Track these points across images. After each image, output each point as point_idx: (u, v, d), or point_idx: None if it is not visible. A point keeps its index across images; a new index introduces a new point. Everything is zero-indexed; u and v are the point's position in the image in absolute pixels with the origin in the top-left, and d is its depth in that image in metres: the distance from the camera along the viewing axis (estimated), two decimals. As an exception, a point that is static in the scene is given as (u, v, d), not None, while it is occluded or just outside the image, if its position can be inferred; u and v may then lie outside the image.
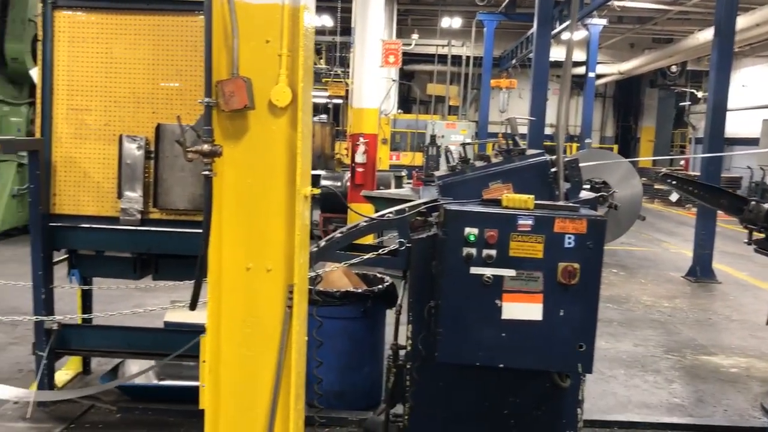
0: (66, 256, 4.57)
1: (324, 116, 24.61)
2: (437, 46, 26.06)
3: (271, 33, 2.62)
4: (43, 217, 4.27)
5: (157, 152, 4.21)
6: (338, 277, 4.76)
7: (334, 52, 25.91)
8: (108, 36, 4.26)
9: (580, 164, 3.39)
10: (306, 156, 2.76)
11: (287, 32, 2.61)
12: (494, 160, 3.47)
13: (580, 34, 23.31)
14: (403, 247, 3.44)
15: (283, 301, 2.79)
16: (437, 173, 3.69)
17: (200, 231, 4.07)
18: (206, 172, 2.61)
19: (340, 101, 28.37)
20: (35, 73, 4.34)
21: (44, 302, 4.33)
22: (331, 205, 10.77)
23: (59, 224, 4.34)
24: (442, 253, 2.97)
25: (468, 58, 25.76)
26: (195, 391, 4.39)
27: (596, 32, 23.51)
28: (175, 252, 4.36)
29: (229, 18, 2.57)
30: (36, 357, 4.38)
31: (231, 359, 2.84)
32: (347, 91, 16.47)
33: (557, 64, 18.22)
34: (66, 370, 5.05)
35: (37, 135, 4.33)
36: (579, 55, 24.47)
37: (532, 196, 2.93)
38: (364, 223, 3.64)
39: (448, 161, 3.81)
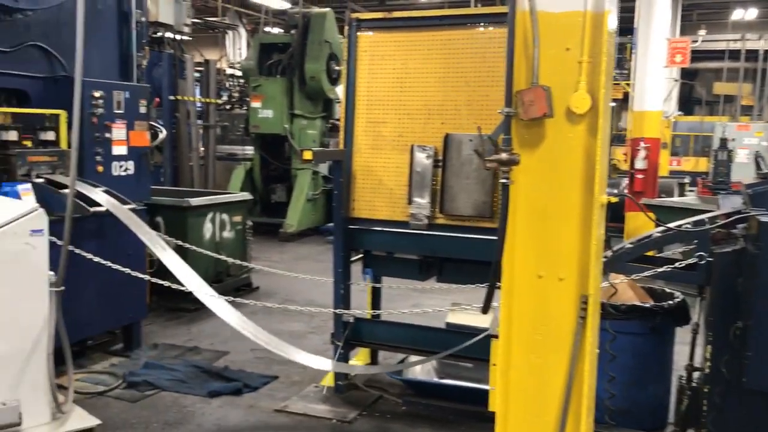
0: (361, 255, 4.97)
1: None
2: (728, 41, 23.77)
3: (571, 40, 2.60)
4: (343, 221, 4.70)
5: (445, 161, 4.41)
6: (623, 289, 4.56)
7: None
8: (403, 52, 4.56)
9: None
10: (604, 163, 2.69)
11: (588, 39, 2.57)
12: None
13: None
14: (703, 261, 3.20)
15: (576, 312, 2.75)
16: (745, 181, 3.36)
17: (483, 237, 4.18)
18: (504, 180, 2.67)
19: (614, 104, 27.18)
20: (340, 91, 4.79)
21: (342, 297, 4.77)
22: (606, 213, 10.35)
23: (357, 227, 4.74)
24: (753, 269, 2.70)
25: (766, 52, 23.11)
26: (475, 392, 4.57)
27: None
28: (459, 256, 4.53)
29: (530, 28, 2.60)
30: (334, 345, 4.83)
31: (521, 365, 2.87)
32: (625, 93, 15.65)
33: None
34: (357, 360, 5.49)
35: (340, 146, 4.78)
36: None
37: None
38: (658, 234, 3.45)
39: (759, 168, 3.47)
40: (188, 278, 4.61)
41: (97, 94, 5.84)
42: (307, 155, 4.33)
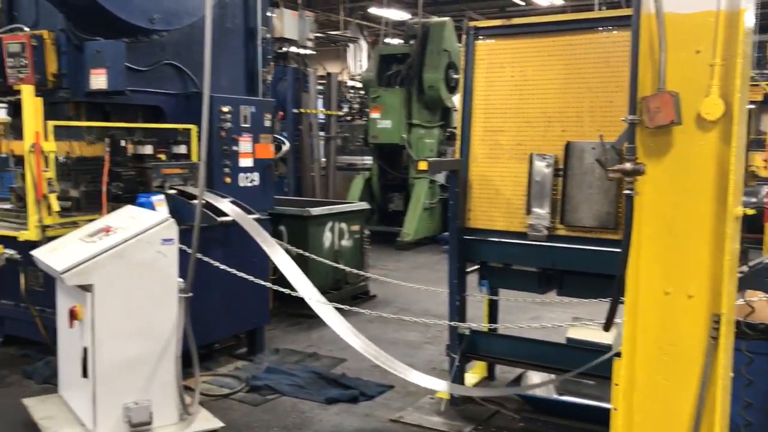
0: (477, 266, 4.90)
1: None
2: None
3: (702, 42, 2.44)
4: (459, 231, 4.66)
5: (566, 170, 4.27)
6: (761, 307, 4.22)
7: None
8: (522, 59, 4.46)
9: None
10: (739, 172, 2.50)
11: (722, 39, 2.40)
12: None
13: None
14: None
15: (707, 331, 2.57)
16: None
17: (606, 249, 4.00)
18: (628, 192, 2.54)
19: (752, 106, 25.43)
20: (457, 99, 4.76)
21: (458, 309, 4.72)
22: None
23: (473, 237, 4.68)
24: None
25: None
26: (596, 411, 4.37)
27: None
28: (581, 269, 4.36)
29: (656, 31, 2.47)
30: (450, 358, 4.79)
31: (645, 386, 2.71)
32: (765, 95, 14.61)
33: None
34: (473, 374, 5.41)
35: (456, 155, 4.75)
36: None
37: None
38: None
39: None
40: (303, 286, 4.73)
41: (225, 109, 6.12)
42: (423, 165, 4.33)
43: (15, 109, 5.82)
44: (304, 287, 4.82)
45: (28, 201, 4.87)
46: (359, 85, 16.10)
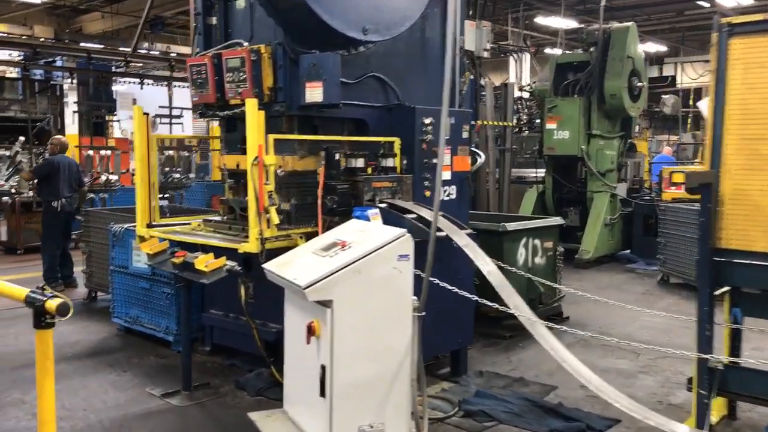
0: (725, 289, 4.37)
1: None
2: None
3: None
4: (710, 252, 4.16)
5: None
6: None
7: None
8: (792, 57, 3.92)
9: None
10: None
11: None
12: None
13: None
14: None
15: None
16: None
17: None
18: None
19: None
20: (704, 105, 4.28)
21: (707, 339, 4.20)
22: None
23: (725, 259, 4.16)
24: None
25: None
26: None
27: None
28: None
29: None
30: (697, 395, 4.26)
31: None
32: None
33: None
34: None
35: (705, 167, 4.26)
36: None
37: None
38: None
39: None
40: (519, 305, 4.45)
41: (427, 120, 5.96)
42: (678, 178, 3.88)
43: (228, 124, 5.97)
44: (521, 307, 4.52)
45: (249, 214, 4.90)
46: (526, 95, 15.66)
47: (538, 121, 14.37)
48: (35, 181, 10.36)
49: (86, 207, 9.53)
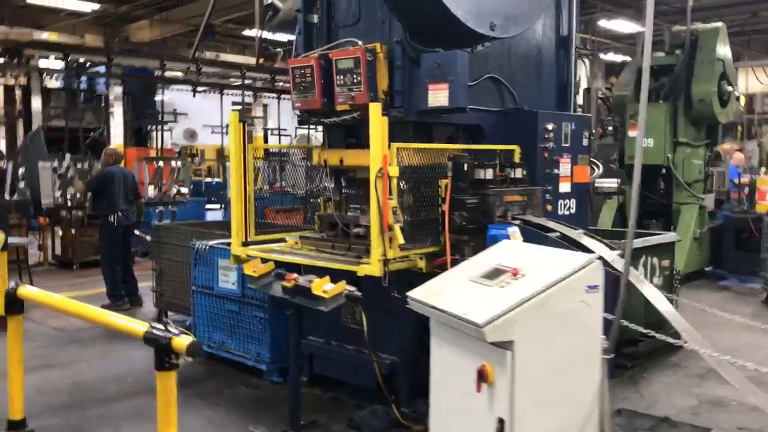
0: None
1: None
2: None
3: None
4: None
5: None
6: None
7: None
8: None
9: None
10: None
11: None
12: None
13: None
14: None
15: None
16: None
17: None
18: None
19: None
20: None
21: None
22: None
23: None
24: None
25: None
26: None
27: None
28: None
29: None
30: None
31: None
32: None
33: None
34: None
35: None
36: None
37: None
38: None
39: None
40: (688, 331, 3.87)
41: (549, 126, 5.39)
42: None
43: (329, 132, 5.41)
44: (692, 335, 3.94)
45: (372, 232, 4.33)
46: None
47: (610, 128, 13.66)
48: (90, 194, 9.89)
49: (155, 220, 9.03)
